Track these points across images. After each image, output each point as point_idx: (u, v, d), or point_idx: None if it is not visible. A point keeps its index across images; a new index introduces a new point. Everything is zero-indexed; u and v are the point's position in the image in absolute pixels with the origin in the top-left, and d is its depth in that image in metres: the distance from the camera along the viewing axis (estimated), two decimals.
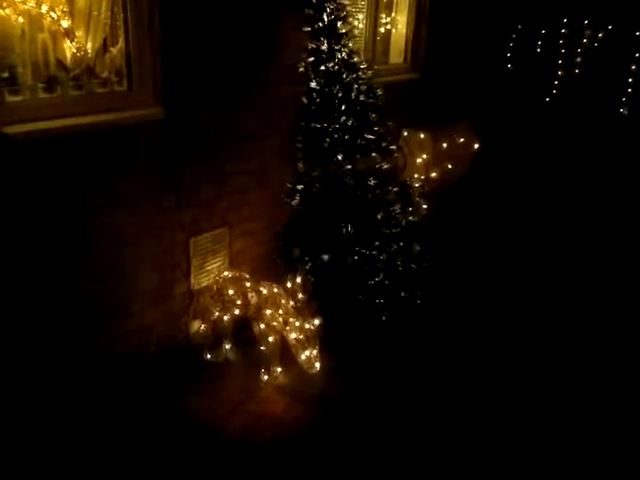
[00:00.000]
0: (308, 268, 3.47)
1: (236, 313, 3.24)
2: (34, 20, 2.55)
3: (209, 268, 3.49)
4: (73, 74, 2.74)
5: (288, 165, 3.61)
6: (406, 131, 4.92)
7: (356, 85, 3.43)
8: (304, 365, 3.04)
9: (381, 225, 3.55)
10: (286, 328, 3.04)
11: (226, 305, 3.24)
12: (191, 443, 2.75)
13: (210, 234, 3.45)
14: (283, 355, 3.18)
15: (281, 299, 3.08)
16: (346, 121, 3.39)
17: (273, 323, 3.07)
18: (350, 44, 3.46)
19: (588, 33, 6.97)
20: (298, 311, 3.03)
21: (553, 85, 7.11)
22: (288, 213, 3.62)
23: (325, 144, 3.42)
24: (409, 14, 5.26)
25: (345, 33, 3.41)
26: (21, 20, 2.50)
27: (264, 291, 3.13)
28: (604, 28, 6.91)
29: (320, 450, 2.76)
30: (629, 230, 5.26)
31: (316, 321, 3.02)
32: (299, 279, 3.10)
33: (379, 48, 5.02)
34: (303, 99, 3.44)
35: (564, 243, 5.05)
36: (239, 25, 3.31)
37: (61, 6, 2.60)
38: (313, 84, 3.40)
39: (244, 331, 3.31)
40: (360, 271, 3.50)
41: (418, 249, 3.75)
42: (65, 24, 2.62)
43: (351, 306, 3.50)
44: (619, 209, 5.66)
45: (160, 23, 2.88)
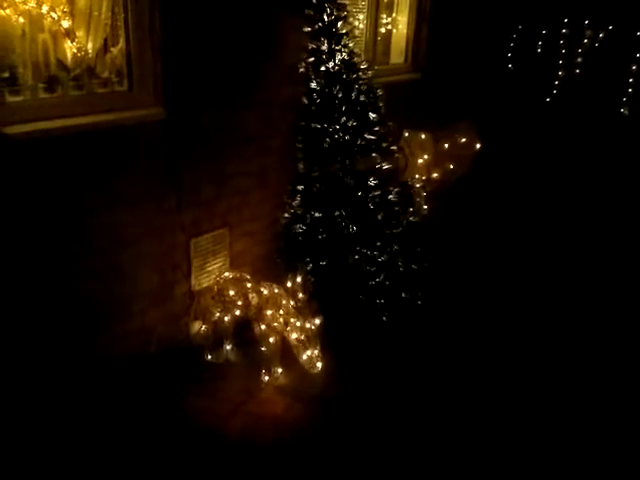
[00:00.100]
0: (309, 269, 3.47)
1: (237, 314, 3.24)
2: (35, 20, 2.55)
3: (210, 269, 3.48)
4: (74, 74, 2.74)
5: (289, 165, 3.61)
6: (407, 132, 4.91)
7: (356, 85, 3.43)
8: (306, 365, 3.04)
9: (382, 225, 3.54)
10: (287, 328, 3.04)
11: (227, 306, 3.24)
12: (192, 444, 2.74)
13: (211, 235, 3.45)
14: (284, 356, 3.18)
15: (282, 299, 3.08)
16: (346, 121, 3.40)
17: (274, 324, 3.07)
18: (350, 44, 3.46)
19: (589, 33, 6.97)
20: (299, 311, 3.04)
21: (554, 85, 7.11)
22: (289, 213, 3.62)
23: (325, 144, 3.42)
24: (410, 14, 5.26)
25: (345, 33, 3.41)
26: (22, 20, 2.51)
27: (265, 292, 3.13)
28: (604, 28, 6.91)
29: (321, 451, 2.75)
30: (630, 229, 5.26)
31: (317, 321, 3.02)
32: (299, 279, 3.10)
33: (380, 48, 5.02)
34: (303, 99, 3.44)
35: (565, 243, 5.04)
36: (239, 25, 3.31)
37: (62, 6, 2.60)
38: (313, 84, 3.40)
39: (245, 332, 3.31)
40: (361, 271, 3.50)
41: (419, 249, 3.75)
42: (66, 24, 2.62)
43: (352, 306, 3.50)
44: (620, 208, 5.66)
45: (161, 23, 2.88)
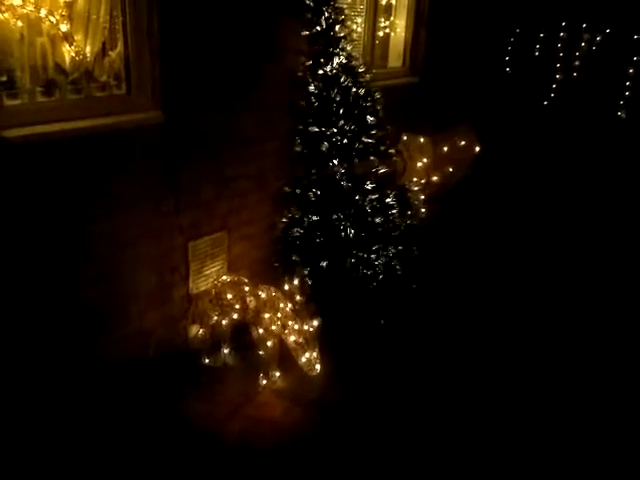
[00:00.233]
0: (307, 272, 3.47)
1: (235, 317, 3.24)
2: (33, 24, 2.55)
3: (208, 272, 3.48)
4: (72, 78, 2.74)
5: (286, 169, 3.61)
6: (406, 135, 4.92)
7: (354, 89, 3.44)
8: (304, 367, 3.04)
9: (379, 229, 3.55)
10: (285, 331, 3.04)
11: (225, 309, 3.24)
12: (190, 447, 2.74)
13: (209, 238, 3.45)
14: (281, 359, 3.18)
15: (279, 302, 3.08)
16: (344, 125, 3.40)
17: (272, 327, 3.07)
18: (348, 48, 3.47)
19: (586, 37, 6.99)
20: (296, 313, 3.03)
21: (551, 88, 7.13)
22: (287, 217, 3.62)
23: (323, 148, 3.43)
24: (408, 18, 5.28)
25: (343, 37, 3.43)
26: (20, 24, 2.50)
27: (262, 295, 3.13)
28: (602, 32, 6.93)
29: (319, 454, 2.75)
30: (628, 232, 5.27)
31: (315, 322, 3.02)
32: (296, 281, 3.10)
33: (378, 52, 5.03)
34: (301, 103, 3.44)
35: (563, 245, 5.05)
36: (238, 29, 3.31)
37: (60, 10, 2.60)
38: (311, 88, 3.41)
39: (242, 335, 3.30)
40: (358, 275, 3.50)
41: (417, 253, 3.75)
42: (64, 28, 2.62)
43: (349, 310, 3.50)
44: (618, 211, 5.66)
45: (159, 27, 2.89)
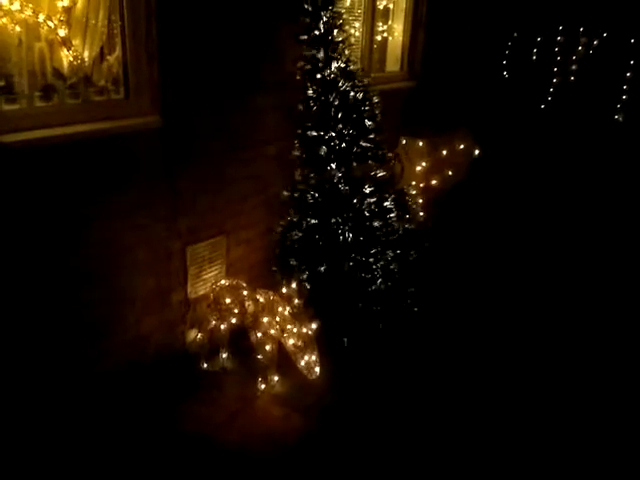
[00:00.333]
0: (305, 276, 3.46)
1: (233, 322, 3.23)
2: (31, 29, 2.55)
3: (206, 277, 3.48)
4: (70, 82, 2.74)
5: (285, 172, 3.61)
6: (405, 139, 4.92)
7: (352, 93, 3.44)
8: (304, 371, 3.03)
9: (378, 232, 3.55)
10: (284, 335, 3.03)
11: (223, 314, 3.23)
12: (188, 452, 2.73)
13: (207, 242, 3.44)
14: (280, 364, 3.17)
15: (278, 306, 3.08)
16: (343, 129, 3.40)
17: (270, 331, 3.07)
18: (346, 52, 3.46)
19: (583, 41, 7.00)
20: (295, 317, 3.03)
21: (549, 92, 7.14)
22: (285, 221, 3.62)
23: (322, 152, 3.42)
24: (405, 22, 5.28)
25: (341, 41, 3.42)
26: (18, 29, 2.50)
27: (261, 299, 3.12)
28: (599, 35, 6.95)
29: (317, 460, 2.74)
30: (625, 235, 5.28)
31: (313, 325, 3.01)
32: (294, 284, 3.09)
33: (376, 56, 5.03)
34: (300, 107, 3.44)
35: (562, 248, 5.05)
36: (236, 33, 3.32)
37: (58, 15, 2.60)
38: (310, 92, 3.41)
39: (241, 340, 3.30)
40: (357, 279, 3.49)
41: (415, 256, 3.75)
42: (62, 33, 2.62)
43: (348, 314, 3.50)
44: (615, 214, 5.67)
45: (157, 31, 2.89)
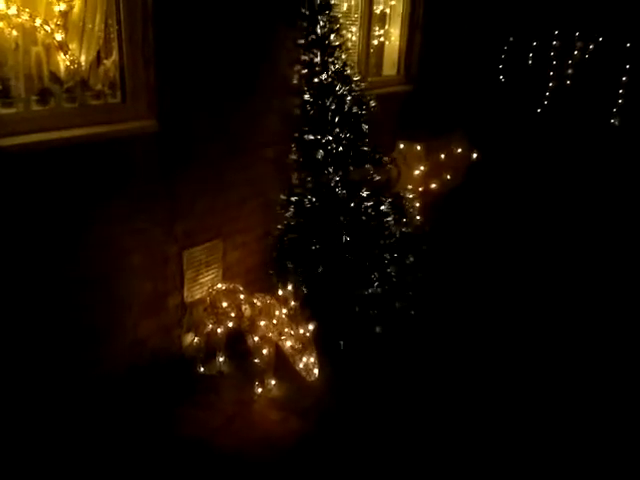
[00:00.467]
0: (302, 279, 3.47)
1: (230, 325, 3.23)
2: (28, 33, 2.56)
3: (202, 280, 3.47)
4: (67, 86, 2.74)
5: (282, 176, 3.62)
6: (402, 143, 4.93)
7: (349, 97, 3.45)
8: (302, 373, 3.02)
9: (375, 236, 3.55)
10: (281, 338, 3.03)
11: (219, 318, 3.22)
12: (185, 456, 2.72)
13: (204, 246, 3.44)
14: (277, 367, 3.17)
15: (275, 310, 3.07)
16: (339, 133, 3.41)
17: (268, 334, 3.06)
18: (343, 56, 3.48)
19: (579, 45, 7.05)
20: (291, 319, 3.02)
21: (545, 96, 7.18)
22: (282, 224, 3.62)
23: (319, 155, 3.43)
24: (402, 27, 5.30)
25: (338, 45, 3.44)
26: (15, 33, 2.51)
27: (258, 303, 3.12)
28: (595, 40, 6.99)
29: (314, 463, 2.74)
30: (622, 238, 5.29)
31: (310, 326, 3.01)
32: (290, 286, 3.09)
33: (372, 60, 5.05)
34: (297, 111, 3.45)
35: (558, 251, 5.06)
36: (233, 37, 3.32)
37: (55, 19, 2.60)
38: (307, 96, 3.42)
39: (238, 343, 3.30)
40: (354, 282, 3.50)
41: (412, 260, 3.76)
42: (59, 37, 2.62)
43: (345, 317, 3.50)
44: (611, 218, 5.69)
45: (154, 36, 2.89)
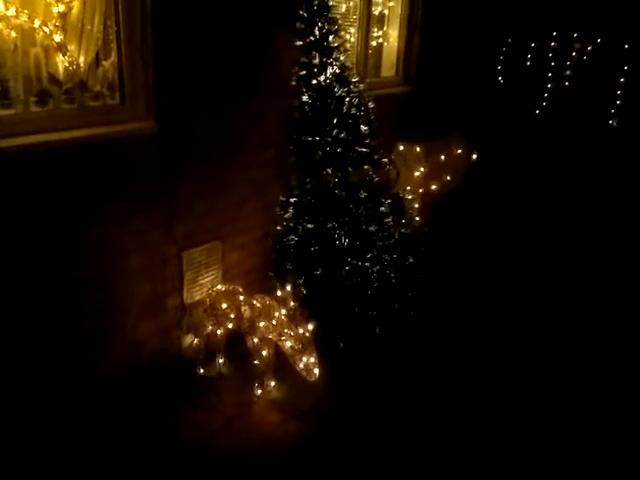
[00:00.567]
0: (301, 281, 3.46)
1: (229, 327, 3.22)
2: (27, 34, 2.56)
3: (202, 282, 3.47)
4: (65, 88, 2.74)
5: (281, 177, 3.62)
6: (402, 145, 4.93)
7: (348, 98, 3.45)
8: (303, 373, 3.01)
9: (374, 237, 3.55)
10: (281, 338, 3.02)
11: (219, 319, 3.22)
12: (184, 458, 2.72)
13: (203, 247, 3.44)
14: (276, 368, 3.16)
15: (274, 311, 3.06)
16: (338, 134, 3.41)
17: (268, 336, 3.05)
18: (342, 58, 3.48)
19: (577, 46, 7.06)
20: (291, 319, 3.02)
21: (543, 97, 7.19)
22: (281, 226, 3.62)
23: (317, 157, 3.43)
24: (401, 28, 5.32)
25: (337, 47, 3.44)
26: (14, 34, 2.50)
27: (257, 304, 3.11)
28: (593, 41, 7.00)
29: (314, 465, 2.73)
30: (620, 240, 5.30)
31: (310, 326, 3.00)
32: (289, 287, 3.09)
33: (371, 62, 5.06)
34: (295, 112, 3.45)
35: (557, 253, 5.07)
36: (232, 39, 3.33)
37: (54, 20, 2.60)
38: (305, 97, 3.42)
39: (237, 345, 3.29)
40: (353, 283, 3.49)
41: (411, 261, 3.76)
42: (58, 38, 2.62)
43: (345, 318, 3.49)
44: (610, 219, 5.70)
45: (152, 37, 2.89)
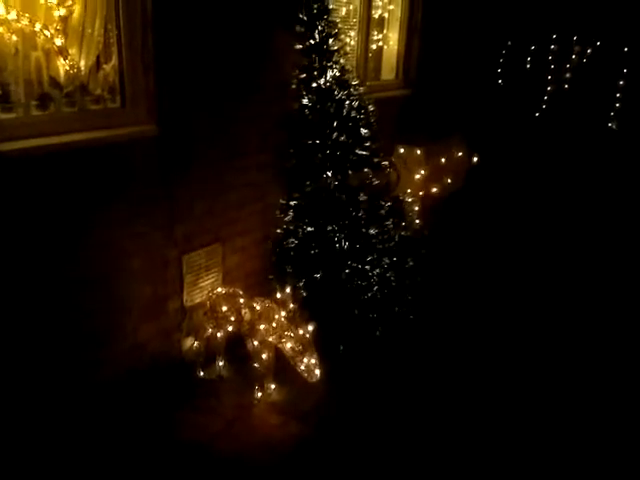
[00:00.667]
0: (301, 284, 3.47)
1: (229, 330, 3.23)
2: (28, 38, 2.57)
3: (202, 284, 3.47)
4: (66, 91, 2.74)
5: (281, 180, 3.62)
6: (403, 148, 4.93)
7: (348, 101, 3.46)
8: (304, 374, 3.00)
9: (374, 240, 3.56)
10: (282, 341, 3.02)
11: (219, 322, 3.22)
12: (184, 460, 2.72)
13: (203, 250, 3.44)
14: (277, 371, 3.16)
15: (274, 313, 3.06)
16: (338, 137, 3.42)
17: (268, 338, 3.05)
18: (342, 61, 3.49)
19: (577, 49, 7.07)
20: (290, 321, 3.02)
21: (543, 100, 7.19)
22: (281, 228, 3.63)
23: (317, 160, 3.44)
24: (401, 31, 5.32)
25: (337, 50, 3.45)
26: (15, 38, 2.51)
27: (257, 307, 3.12)
28: (593, 44, 7.01)
29: (314, 468, 2.73)
30: (619, 242, 5.30)
31: (310, 327, 3.00)
32: (288, 289, 3.09)
33: (371, 65, 5.07)
34: (295, 115, 3.46)
35: (557, 255, 5.07)
36: (232, 43, 3.34)
37: (55, 24, 2.61)
38: (305, 101, 3.43)
39: (237, 348, 3.29)
40: (353, 286, 3.50)
41: (411, 264, 3.76)
42: (59, 42, 2.63)
43: (344, 321, 3.50)
44: (609, 221, 5.70)
45: (153, 40, 2.90)
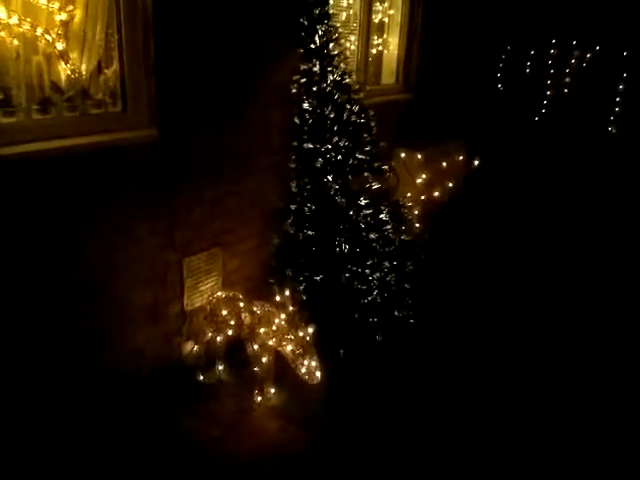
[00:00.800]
0: (301, 288, 3.47)
1: (229, 334, 3.23)
2: (29, 42, 2.57)
3: (202, 288, 3.47)
4: (67, 96, 2.75)
5: (281, 185, 3.63)
6: (403, 152, 4.94)
7: (348, 106, 3.47)
8: (305, 377, 3.00)
9: (374, 244, 3.56)
10: (282, 344, 3.02)
11: (219, 326, 3.22)
12: (184, 464, 2.72)
13: (203, 254, 3.44)
14: (277, 375, 3.16)
15: (274, 317, 3.07)
16: (338, 142, 3.43)
17: (268, 342, 3.05)
18: (342, 65, 3.51)
19: (576, 54, 7.09)
20: (290, 324, 3.02)
21: (542, 104, 7.21)
22: (282, 232, 3.63)
23: (318, 164, 3.45)
24: (401, 36, 5.34)
25: (337, 55, 3.47)
26: (16, 43, 2.52)
27: (257, 311, 3.12)
28: (592, 49, 7.03)
29: (314, 472, 2.73)
30: (619, 245, 5.30)
31: (310, 329, 3.00)
32: (288, 292, 3.09)
33: (371, 69, 5.08)
34: (296, 120, 3.47)
35: (557, 259, 5.07)
36: (233, 47, 3.34)
37: (56, 29, 2.62)
38: (306, 105, 3.44)
39: (237, 352, 3.29)
40: (353, 290, 3.50)
41: (411, 268, 3.76)
42: (60, 46, 2.64)
43: (344, 325, 3.50)
44: (609, 225, 5.71)
45: (155, 45, 2.91)
